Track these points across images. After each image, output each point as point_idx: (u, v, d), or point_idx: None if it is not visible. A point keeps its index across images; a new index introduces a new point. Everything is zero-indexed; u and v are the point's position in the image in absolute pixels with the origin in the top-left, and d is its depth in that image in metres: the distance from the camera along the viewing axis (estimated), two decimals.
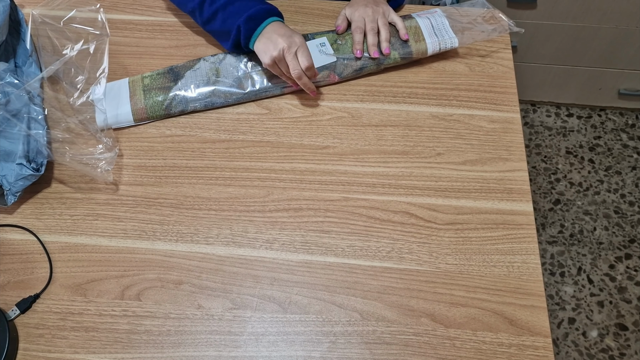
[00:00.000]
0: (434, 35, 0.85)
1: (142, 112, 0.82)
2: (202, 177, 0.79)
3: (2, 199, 0.75)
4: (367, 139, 0.81)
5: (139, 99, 0.83)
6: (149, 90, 0.83)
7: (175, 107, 0.83)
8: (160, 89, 0.83)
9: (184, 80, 0.84)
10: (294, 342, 0.67)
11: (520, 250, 0.72)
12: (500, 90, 0.85)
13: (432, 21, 0.87)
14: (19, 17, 0.88)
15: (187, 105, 0.83)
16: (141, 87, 0.84)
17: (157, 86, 0.84)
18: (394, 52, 0.85)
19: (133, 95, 0.83)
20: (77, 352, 0.67)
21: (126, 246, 0.74)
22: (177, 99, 0.83)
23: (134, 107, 0.82)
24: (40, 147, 0.76)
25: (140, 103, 0.83)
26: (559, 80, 1.68)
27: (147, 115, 0.83)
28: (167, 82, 0.84)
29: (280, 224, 0.75)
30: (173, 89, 0.83)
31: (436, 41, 0.85)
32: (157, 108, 0.82)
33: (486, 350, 0.66)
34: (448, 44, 0.85)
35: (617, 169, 1.66)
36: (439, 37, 0.85)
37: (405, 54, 0.85)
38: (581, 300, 1.46)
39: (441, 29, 0.86)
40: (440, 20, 0.87)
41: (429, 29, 0.86)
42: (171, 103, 0.83)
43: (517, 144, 0.80)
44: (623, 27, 1.47)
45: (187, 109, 0.83)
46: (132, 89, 0.84)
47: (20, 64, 0.86)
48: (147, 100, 0.83)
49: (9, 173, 0.74)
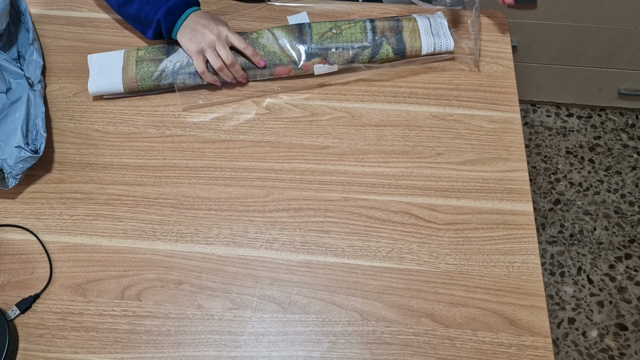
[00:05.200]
0: (430, 35, 0.85)
1: (133, 82, 0.83)
2: (202, 177, 0.79)
3: (3, 182, 0.76)
4: (367, 139, 0.81)
5: (130, 69, 0.84)
6: (142, 61, 0.84)
7: (165, 78, 0.83)
8: (152, 61, 0.84)
9: (176, 53, 0.84)
10: (294, 342, 0.67)
11: (520, 250, 0.72)
12: (500, 90, 0.85)
13: (432, 21, 0.86)
14: (22, 7, 0.89)
15: (176, 78, 0.83)
16: (135, 57, 0.84)
17: (149, 58, 0.84)
18: (388, 46, 0.84)
19: (126, 65, 0.84)
20: (77, 352, 0.67)
21: (126, 246, 0.74)
22: (167, 70, 0.83)
23: (125, 77, 0.83)
24: (39, 129, 0.78)
25: (132, 73, 0.83)
26: (559, 80, 1.68)
27: (137, 85, 0.83)
28: (160, 55, 0.85)
29: (280, 224, 0.75)
30: (164, 61, 0.84)
31: (431, 42, 0.85)
32: (147, 78, 0.83)
33: (486, 350, 0.66)
34: (443, 46, 0.85)
35: (617, 169, 1.66)
36: (436, 38, 0.85)
37: (398, 50, 0.85)
38: (581, 300, 1.46)
39: (439, 31, 0.86)
40: (440, 21, 0.86)
41: (427, 28, 0.85)
42: (161, 74, 0.83)
43: (517, 144, 0.80)
44: (623, 27, 1.47)
45: (176, 81, 0.83)
46: (126, 59, 0.85)
47: (22, 53, 0.87)
48: (139, 70, 0.83)
49: (9, 157, 0.75)
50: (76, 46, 0.91)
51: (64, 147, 0.82)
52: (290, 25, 0.86)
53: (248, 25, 0.92)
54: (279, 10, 0.93)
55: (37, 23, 0.93)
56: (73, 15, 0.95)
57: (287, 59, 0.84)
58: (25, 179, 0.79)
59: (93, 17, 0.94)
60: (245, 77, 0.85)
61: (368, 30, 0.85)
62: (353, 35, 0.85)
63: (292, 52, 0.84)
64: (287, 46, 0.84)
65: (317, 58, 0.84)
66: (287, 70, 0.84)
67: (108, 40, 0.91)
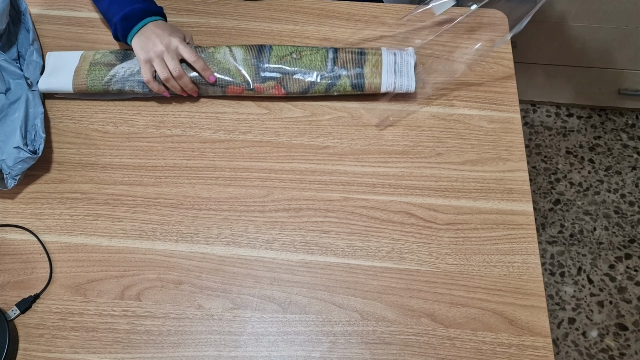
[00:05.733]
0: (392, 73, 0.81)
1: (82, 84, 0.83)
2: (202, 177, 0.79)
3: (2, 182, 0.76)
4: (367, 139, 0.81)
5: (83, 71, 0.84)
6: (95, 65, 0.84)
7: (114, 84, 0.83)
8: (105, 65, 0.84)
9: (130, 61, 0.84)
10: (294, 342, 0.67)
11: (520, 250, 0.72)
12: (500, 90, 0.85)
13: (398, 58, 0.83)
14: (22, 7, 0.90)
15: (125, 85, 0.83)
16: (90, 60, 0.85)
17: (103, 62, 0.84)
18: (346, 79, 0.81)
19: (80, 67, 0.84)
20: (77, 352, 0.67)
21: (126, 246, 0.74)
22: (117, 76, 0.83)
23: (75, 78, 0.83)
24: (38, 129, 0.78)
25: (83, 75, 0.83)
26: (559, 80, 1.68)
27: (87, 88, 0.83)
28: (114, 60, 0.85)
29: (280, 224, 0.75)
30: (116, 66, 0.84)
31: (392, 80, 0.81)
32: (97, 82, 0.83)
33: (486, 350, 0.66)
34: (404, 86, 0.81)
35: (617, 169, 1.66)
36: (397, 77, 0.81)
37: (356, 85, 0.81)
38: (581, 300, 1.46)
39: (403, 69, 0.82)
40: (407, 59, 0.83)
41: (391, 66, 0.82)
42: (110, 80, 0.83)
43: (517, 144, 0.80)
44: (623, 27, 1.47)
45: (124, 88, 0.83)
46: (81, 60, 0.85)
47: (22, 53, 0.88)
48: (90, 73, 0.83)
49: (8, 157, 0.76)
50: (76, 46, 0.91)
51: (63, 147, 0.82)
52: (250, 45, 0.85)
53: (248, 26, 0.92)
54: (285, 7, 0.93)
55: (37, 23, 0.93)
56: (73, 15, 0.95)
57: (241, 78, 0.82)
58: (25, 179, 0.79)
59: (93, 17, 0.94)
60: (195, 90, 0.83)
61: (329, 59, 0.82)
62: (312, 63, 0.82)
63: (245, 72, 0.82)
64: (242, 65, 0.82)
65: (272, 82, 0.82)
66: (240, 89, 0.82)
67: (108, 40, 0.91)
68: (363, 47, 0.87)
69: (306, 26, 0.92)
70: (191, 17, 0.94)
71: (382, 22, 0.92)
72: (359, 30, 0.91)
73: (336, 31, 0.92)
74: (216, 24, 0.93)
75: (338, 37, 0.91)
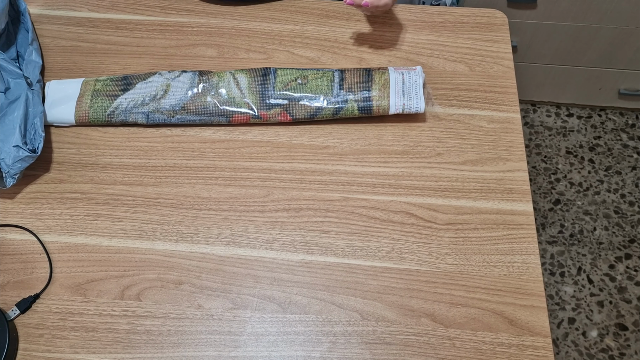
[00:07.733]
0: (401, 95, 0.80)
1: (85, 115, 0.82)
2: (202, 177, 0.79)
3: (1, 181, 0.76)
4: (367, 139, 0.81)
5: (85, 102, 0.82)
6: (97, 95, 0.83)
7: (117, 116, 0.82)
8: (108, 96, 0.83)
9: (133, 90, 0.83)
10: (294, 342, 0.67)
11: (520, 250, 0.72)
12: (500, 90, 0.85)
13: (406, 78, 0.81)
14: (21, 7, 0.90)
15: (128, 116, 0.82)
16: (91, 89, 0.83)
17: (106, 92, 0.83)
18: (353, 104, 0.80)
19: (82, 96, 0.83)
20: (77, 352, 0.67)
21: (126, 246, 0.74)
22: (121, 108, 0.82)
23: (78, 109, 0.82)
24: (37, 128, 0.78)
25: (86, 106, 0.82)
26: (559, 80, 1.68)
27: (89, 119, 0.82)
28: (116, 90, 0.83)
29: (280, 224, 0.75)
30: (119, 97, 0.83)
31: (400, 102, 0.80)
32: (100, 114, 0.82)
33: (486, 350, 0.66)
34: (413, 107, 0.80)
35: (617, 169, 1.66)
36: (406, 98, 0.80)
37: (364, 108, 0.80)
38: (581, 300, 1.46)
39: (411, 90, 0.81)
40: (415, 79, 0.81)
41: (399, 87, 0.81)
42: (114, 111, 0.82)
43: (517, 144, 0.80)
44: (623, 27, 1.47)
45: (128, 119, 0.82)
46: (83, 90, 0.84)
47: (21, 52, 0.87)
48: (93, 104, 0.82)
49: (7, 156, 0.75)
50: (76, 46, 0.91)
51: (63, 147, 0.82)
52: (254, 69, 0.84)
53: (248, 26, 0.92)
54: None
55: (37, 23, 0.94)
56: (73, 15, 0.95)
57: (246, 107, 0.81)
58: (25, 179, 0.79)
59: (93, 17, 0.94)
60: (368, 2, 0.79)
61: (335, 83, 0.81)
62: (318, 88, 0.81)
63: (250, 101, 0.81)
64: (247, 92, 0.82)
65: (278, 109, 0.81)
66: (245, 118, 0.81)
67: (108, 40, 0.91)
68: (369, 67, 0.86)
69: (306, 26, 0.92)
70: (191, 17, 0.94)
71: (382, 22, 0.92)
72: (359, 30, 0.92)
73: (336, 31, 0.92)
74: (216, 24, 0.93)
75: (338, 37, 0.91)
